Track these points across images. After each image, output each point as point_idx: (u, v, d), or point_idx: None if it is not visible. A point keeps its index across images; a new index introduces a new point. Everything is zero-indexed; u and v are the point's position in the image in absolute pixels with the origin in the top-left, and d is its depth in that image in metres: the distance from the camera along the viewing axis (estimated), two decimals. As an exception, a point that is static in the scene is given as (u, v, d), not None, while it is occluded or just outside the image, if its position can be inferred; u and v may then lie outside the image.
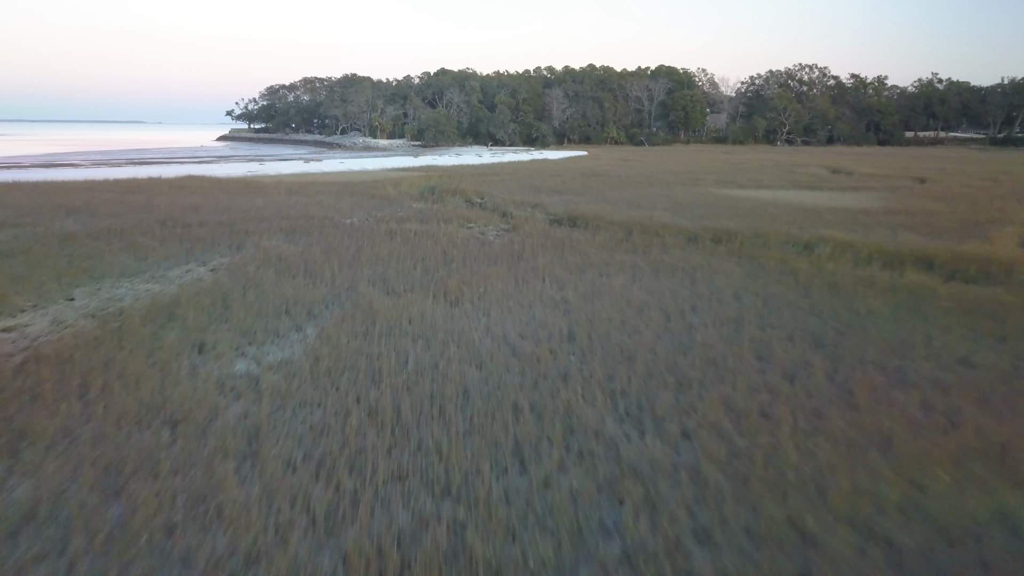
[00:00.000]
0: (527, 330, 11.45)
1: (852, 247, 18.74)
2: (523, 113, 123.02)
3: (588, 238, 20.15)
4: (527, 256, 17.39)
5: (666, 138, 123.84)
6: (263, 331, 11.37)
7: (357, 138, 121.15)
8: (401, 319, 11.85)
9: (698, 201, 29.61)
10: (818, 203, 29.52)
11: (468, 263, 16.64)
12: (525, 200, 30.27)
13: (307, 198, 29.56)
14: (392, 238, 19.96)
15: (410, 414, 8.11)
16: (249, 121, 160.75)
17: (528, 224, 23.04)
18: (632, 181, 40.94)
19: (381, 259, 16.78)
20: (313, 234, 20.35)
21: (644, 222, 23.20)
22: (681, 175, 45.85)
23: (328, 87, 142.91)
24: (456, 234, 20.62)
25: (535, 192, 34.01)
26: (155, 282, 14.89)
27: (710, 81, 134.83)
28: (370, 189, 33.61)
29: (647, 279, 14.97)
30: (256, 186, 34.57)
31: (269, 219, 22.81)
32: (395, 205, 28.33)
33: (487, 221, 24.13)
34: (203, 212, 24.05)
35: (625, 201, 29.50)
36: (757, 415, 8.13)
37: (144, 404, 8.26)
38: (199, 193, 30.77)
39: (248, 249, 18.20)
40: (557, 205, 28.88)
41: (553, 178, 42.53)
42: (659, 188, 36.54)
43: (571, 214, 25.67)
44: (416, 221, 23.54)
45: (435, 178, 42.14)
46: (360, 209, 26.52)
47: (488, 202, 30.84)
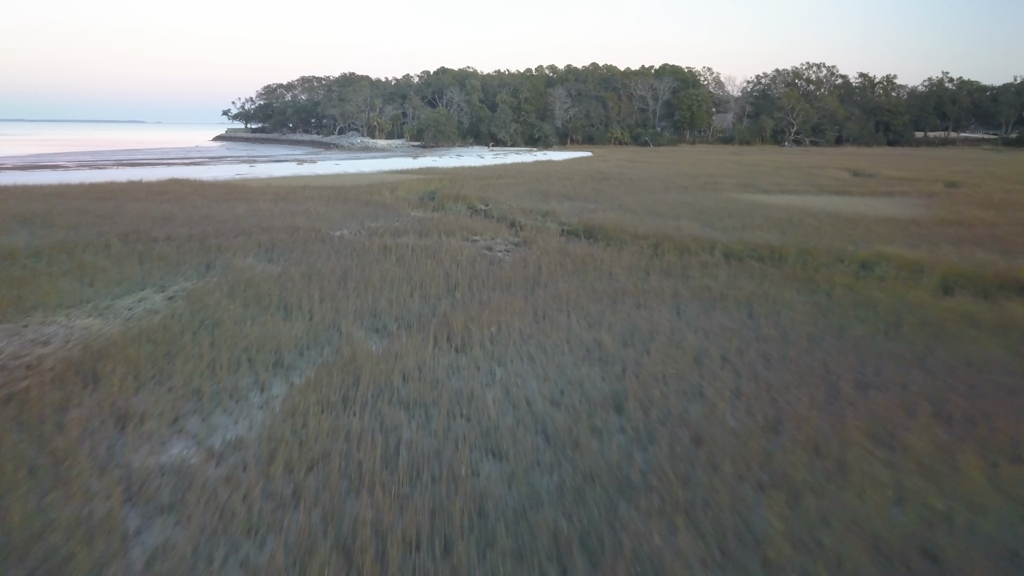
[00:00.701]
0: (557, 391, 8.80)
1: (921, 267, 16.07)
2: (525, 113, 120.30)
3: (612, 256, 17.47)
4: (545, 280, 14.72)
5: (671, 138, 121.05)
6: (214, 392, 8.72)
7: (355, 138, 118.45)
8: (392, 375, 9.19)
9: (724, 209, 26.95)
10: (856, 211, 26.86)
11: (475, 289, 13.98)
12: (534, 207, 27.63)
13: (295, 205, 26.90)
14: (386, 256, 17.30)
15: (401, 554, 5.46)
16: (246, 121, 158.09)
17: (540, 237, 20.38)
18: (646, 185, 38.27)
19: (372, 285, 14.11)
20: (296, 251, 17.69)
21: (671, 235, 20.55)
22: (696, 178, 43.20)
23: (326, 86, 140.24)
24: (460, 250, 17.95)
25: (544, 198, 31.36)
26: (97, 316, 12.23)
27: (716, 80, 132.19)
28: (364, 195, 30.95)
29: (695, 313, 12.29)
30: (241, 191, 31.91)
31: (248, 231, 20.15)
32: (391, 214, 25.68)
33: (494, 233, 21.46)
34: (175, 223, 21.38)
35: (645, 209, 26.84)
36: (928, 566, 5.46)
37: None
38: (177, 199, 28.11)
39: (217, 270, 15.55)
40: (570, 213, 26.23)
41: (561, 181, 39.88)
42: (677, 193, 33.89)
43: (587, 224, 23.01)
44: (414, 234, 20.88)
45: (435, 182, 39.51)
46: (352, 219, 23.86)
47: (493, 209, 28.19)
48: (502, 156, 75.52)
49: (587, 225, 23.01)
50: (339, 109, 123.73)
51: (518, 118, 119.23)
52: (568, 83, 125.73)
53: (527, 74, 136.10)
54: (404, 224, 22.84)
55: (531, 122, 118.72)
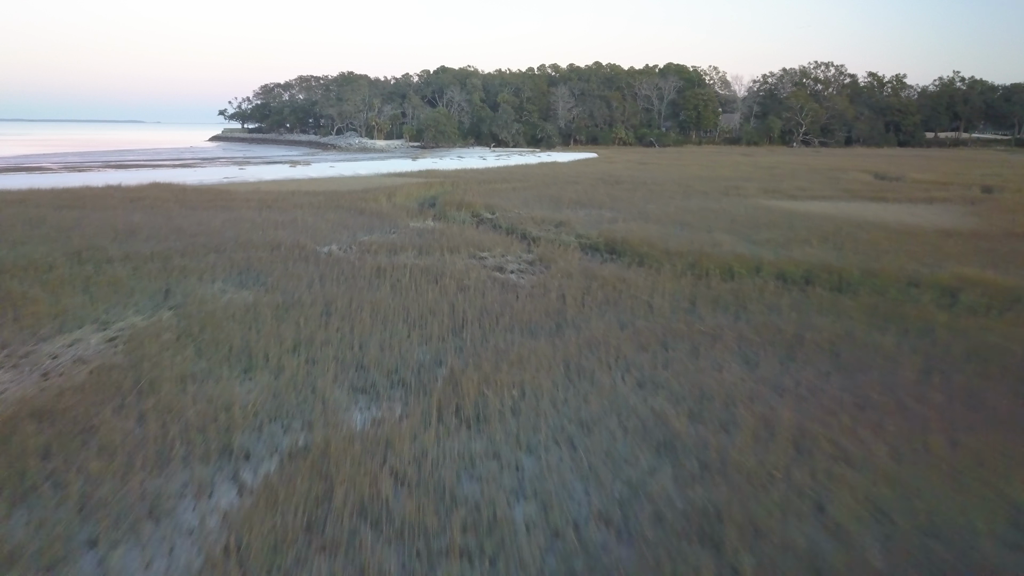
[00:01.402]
0: (614, 505, 6.15)
1: (1019, 296, 13.42)
2: (527, 112, 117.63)
3: (647, 279, 14.79)
4: (572, 315, 12.05)
5: (676, 139, 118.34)
6: (124, 509, 6.07)
7: (353, 139, 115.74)
8: (380, 477, 6.54)
9: (758, 218, 24.30)
10: (903, 221, 24.21)
11: (488, 328, 11.32)
12: (546, 216, 24.98)
13: (281, 214, 24.23)
14: (380, 280, 14.65)
15: None
16: (243, 121, 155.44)
17: (559, 254, 17.72)
18: (663, 190, 35.62)
19: (361, 322, 11.45)
20: (274, 273, 15.02)
21: (708, 251, 17.90)
22: (714, 182, 40.54)
23: (324, 86, 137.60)
24: (467, 272, 15.27)
25: (555, 205, 28.70)
26: (9, 368, 9.59)
27: (721, 80, 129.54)
28: (359, 201, 28.29)
29: (771, 366, 9.61)
30: (225, 197, 29.23)
31: (222, 248, 17.48)
32: (388, 224, 23.02)
33: (504, 248, 18.80)
34: (140, 237, 18.72)
35: (669, 218, 24.18)
36: None
37: None
38: (151, 207, 25.46)
39: (176, 298, 12.89)
40: (586, 223, 23.59)
41: (571, 186, 37.23)
42: (699, 199, 31.23)
43: (609, 238, 20.36)
44: (413, 250, 18.21)
45: (436, 186, 36.87)
46: (343, 231, 21.20)
47: (501, 219, 25.54)
48: (504, 157, 72.89)
49: (609, 239, 20.35)
50: (337, 109, 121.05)
51: (520, 118, 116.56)
52: (571, 82, 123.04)
53: (529, 73, 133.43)
54: (401, 238, 20.18)
55: (533, 122, 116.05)
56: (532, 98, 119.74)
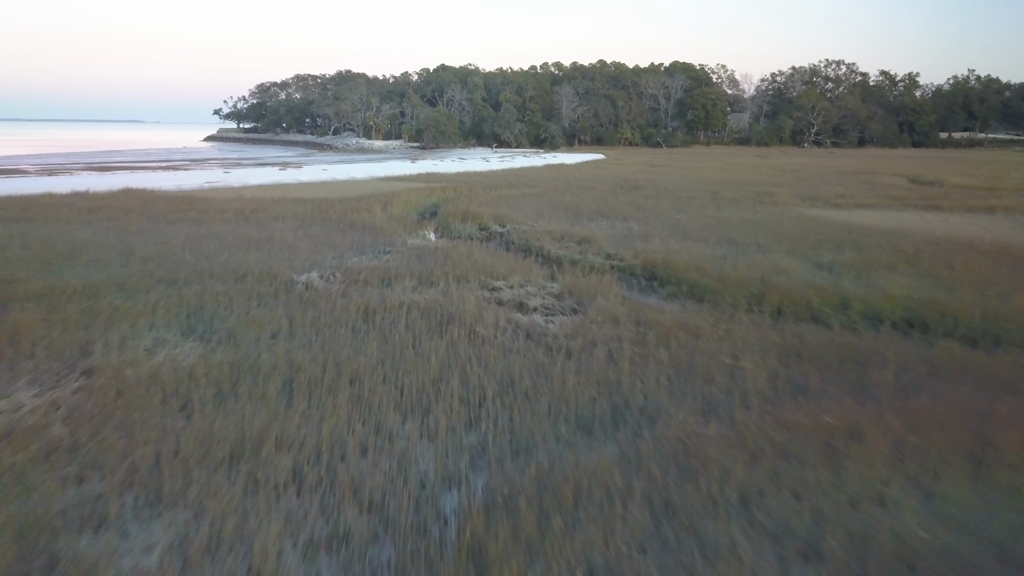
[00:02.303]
0: None
1: None
2: (530, 112, 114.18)
3: (714, 326, 11.37)
4: (634, 393, 8.62)
5: (684, 139, 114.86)
6: None
7: (350, 139, 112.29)
8: None
9: (813, 233, 20.92)
10: (975, 236, 20.83)
11: (519, 422, 7.92)
12: (565, 231, 21.62)
13: (257, 229, 20.85)
14: (368, 327, 11.27)
15: None
16: (238, 121, 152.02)
17: (592, 286, 14.32)
18: (688, 196, 32.23)
19: (335, 409, 8.04)
20: (231, 316, 11.62)
21: (773, 279, 14.56)
22: (739, 187, 37.16)
23: (321, 85, 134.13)
24: (481, 315, 11.84)
25: (573, 215, 25.33)
26: None
27: (730, 78, 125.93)
28: (350, 212, 24.90)
29: (965, 502, 6.19)
30: (199, 206, 25.82)
31: (174, 278, 14.08)
32: (382, 241, 19.63)
33: (523, 275, 15.38)
34: (79, 261, 15.33)
35: (710, 233, 20.78)
36: None
37: None
38: (110, 220, 22.07)
39: (94, 357, 9.49)
40: (615, 239, 20.25)
41: (586, 192, 33.85)
42: (732, 208, 27.86)
43: (648, 260, 17.00)
44: (411, 279, 14.80)
45: (437, 192, 33.50)
46: (328, 251, 17.80)
47: (513, 232, 22.18)
48: (508, 159, 69.48)
49: (647, 261, 16.98)
50: (333, 108, 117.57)
51: (523, 118, 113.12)
52: (575, 81, 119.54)
53: (532, 72, 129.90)
54: (397, 260, 16.79)
55: (537, 122, 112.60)
56: (535, 97, 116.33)
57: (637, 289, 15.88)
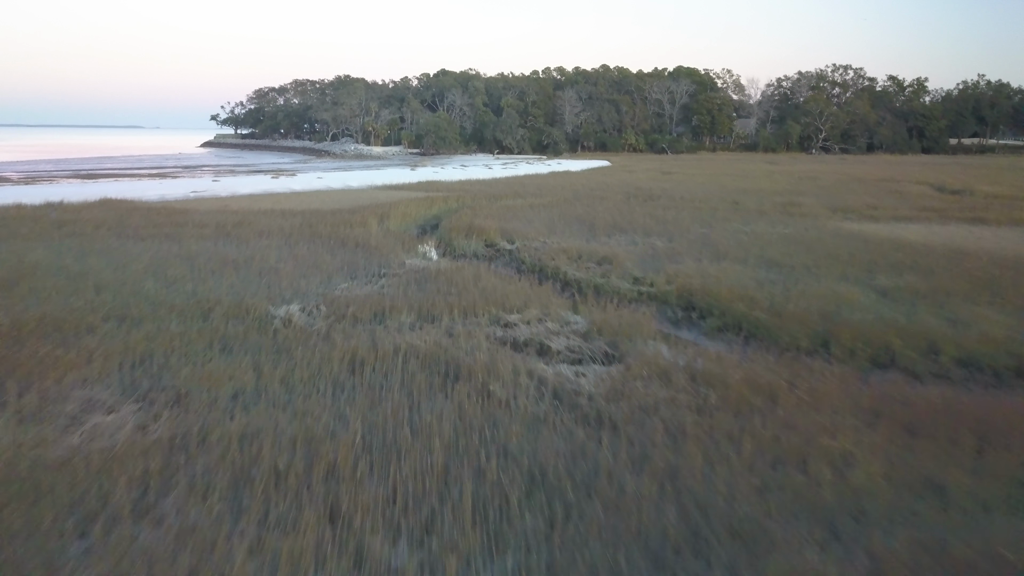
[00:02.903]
0: None
1: None
2: (532, 117, 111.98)
3: (792, 385, 9.04)
4: (715, 500, 6.30)
5: (690, 145, 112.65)
6: None
7: (348, 145, 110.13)
8: None
9: (861, 252, 18.64)
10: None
11: (553, 541, 5.61)
12: (582, 248, 19.35)
13: (238, 247, 18.60)
14: (354, 381, 8.99)
15: None
16: (235, 126, 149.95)
17: (624, 321, 12.02)
18: (710, 207, 29.96)
19: (300, 525, 5.72)
20: (182, 371, 9.30)
21: (836, 313, 12.29)
22: (761, 196, 34.89)
23: (320, 90, 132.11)
24: (494, 366, 9.51)
25: (588, 230, 23.06)
26: None
27: (735, 83, 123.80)
28: (343, 226, 22.63)
29: None
30: (178, 220, 23.56)
31: (124, 313, 11.77)
32: (377, 261, 17.35)
33: (541, 307, 13.06)
34: (15, 293, 13.02)
35: (746, 252, 18.50)
36: None
37: None
38: (75, 236, 19.83)
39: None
40: (639, 259, 17.99)
41: (598, 202, 31.58)
42: (760, 221, 25.59)
43: (683, 286, 14.71)
44: (410, 313, 12.49)
45: (438, 203, 31.23)
46: (314, 275, 15.50)
47: (524, 250, 19.93)
48: (512, 166, 67.21)
49: (683, 288, 14.68)
50: (331, 113, 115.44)
51: (525, 123, 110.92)
52: (578, 85, 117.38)
53: (534, 76, 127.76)
54: (394, 288, 14.49)
55: (539, 127, 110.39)
56: (537, 102, 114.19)
57: (672, 322, 13.62)
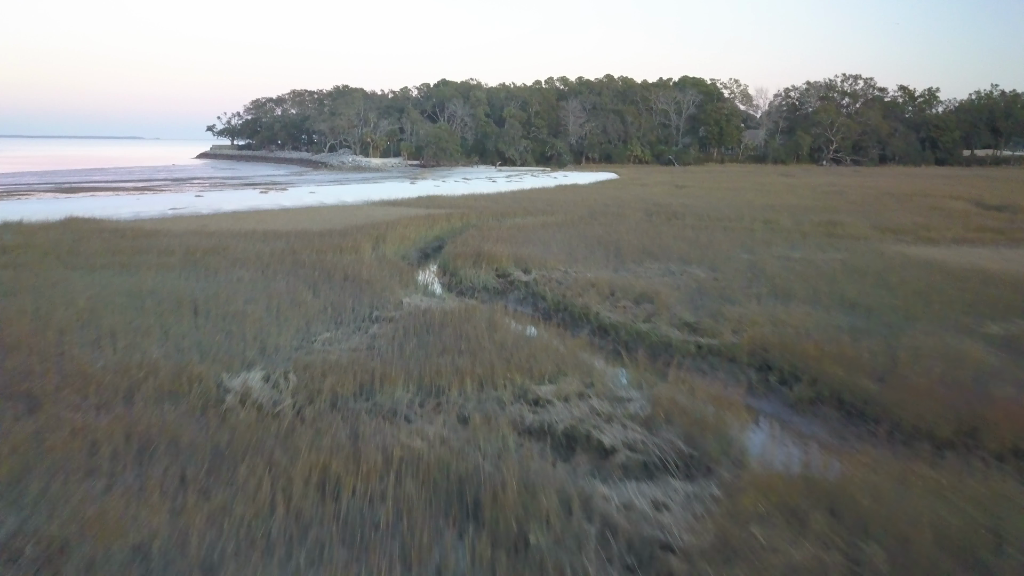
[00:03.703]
0: None
1: None
2: (536, 128, 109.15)
3: (992, 531, 5.94)
4: None
5: (697, 156, 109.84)
6: None
7: (346, 156, 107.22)
8: None
9: (946, 289, 15.56)
10: None
11: None
12: (612, 281, 16.29)
13: (203, 280, 15.54)
14: (324, 511, 5.83)
15: None
16: (232, 137, 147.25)
17: (698, 399, 8.92)
18: (743, 227, 26.92)
19: None
20: (63, 509, 6.17)
21: (985, 390, 9.19)
22: (792, 213, 31.83)
23: (318, 100, 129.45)
24: (530, 487, 6.37)
25: (614, 256, 20.02)
26: None
27: (743, 93, 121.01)
28: (332, 251, 19.59)
29: None
30: (143, 244, 20.52)
31: (11, 392, 8.67)
32: (368, 300, 14.25)
33: (581, 375, 9.94)
34: None
35: (812, 288, 15.40)
36: None
37: None
38: (15, 266, 16.84)
39: None
40: (684, 296, 14.94)
41: (617, 221, 28.55)
42: (807, 245, 22.52)
43: (755, 340, 11.62)
44: (407, 386, 9.36)
45: (440, 221, 28.20)
46: (291, 320, 12.41)
47: (543, 283, 16.89)
48: (516, 179, 64.26)
49: (754, 341, 11.58)
50: (329, 124, 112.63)
51: (528, 134, 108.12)
52: (582, 96, 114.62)
53: (536, 87, 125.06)
54: (387, 341, 11.40)
55: (542, 138, 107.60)
56: (540, 113, 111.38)
57: (746, 385, 10.54)
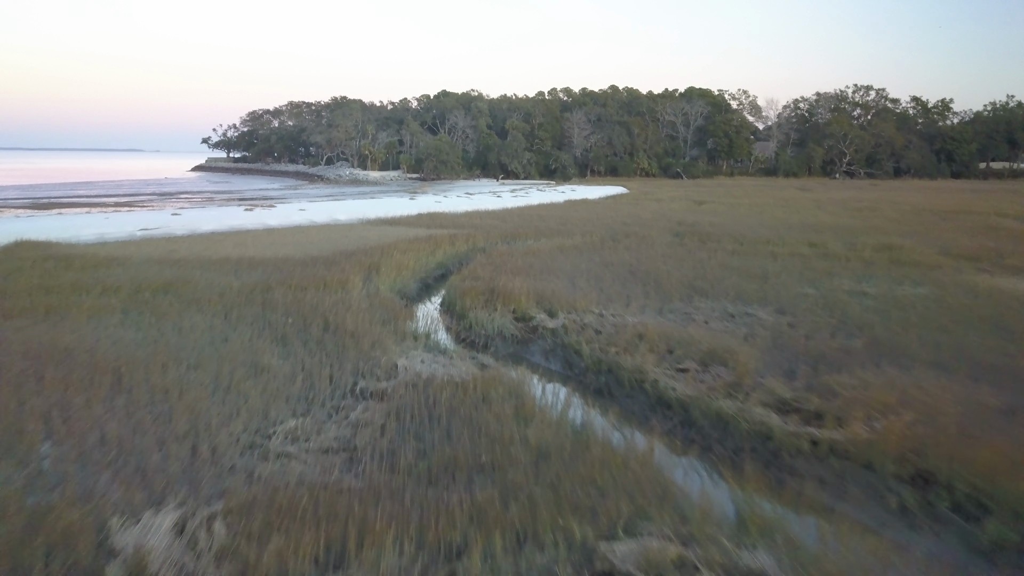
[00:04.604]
0: None
1: None
2: (539, 140, 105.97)
3: None
4: None
5: (706, 169, 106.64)
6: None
7: (344, 169, 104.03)
8: None
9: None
10: None
11: None
12: (666, 330, 12.80)
13: (142, 332, 12.05)
14: None
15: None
16: (228, 149, 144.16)
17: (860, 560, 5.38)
18: (790, 252, 23.44)
19: None
20: None
21: None
22: (836, 234, 28.38)
23: (315, 112, 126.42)
24: None
25: (655, 291, 16.56)
26: None
27: (751, 104, 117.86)
28: (313, 288, 16.13)
29: None
30: (88, 278, 17.08)
31: None
32: (351, 366, 10.75)
33: (672, 515, 6.40)
34: None
35: (937, 346, 11.90)
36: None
37: None
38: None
39: None
40: (763, 352, 11.48)
41: (644, 245, 25.07)
42: (879, 279, 19.06)
43: (900, 439, 8.07)
44: (405, 548, 5.82)
45: (444, 245, 24.76)
46: (242, 402, 8.90)
47: (573, 330, 13.41)
48: (522, 193, 60.89)
49: (902, 441, 8.06)
50: (326, 136, 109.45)
51: (531, 146, 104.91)
52: (586, 107, 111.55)
53: (540, 98, 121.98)
54: (374, 436, 7.90)
55: (546, 151, 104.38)
56: (544, 124, 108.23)
57: (893, 510, 7.07)
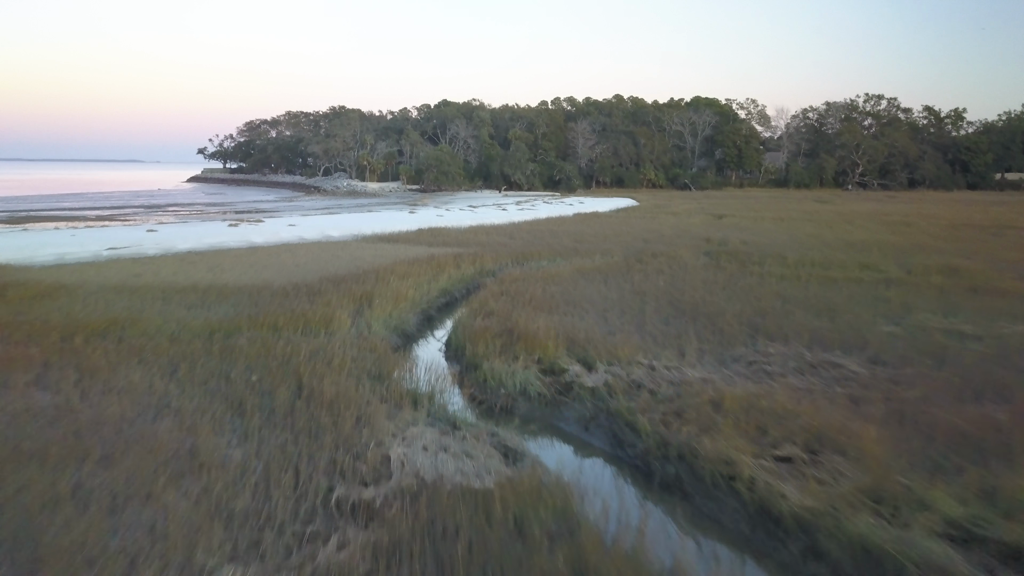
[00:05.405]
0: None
1: None
2: (543, 151, 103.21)
3: None
4: None
5: (714, 180, 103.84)
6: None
7: (341, 180, 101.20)
8: None
9: None
10: None
11: None
12: (749, 398, 9.67)
13: (57, 396, 8.96)
14: None
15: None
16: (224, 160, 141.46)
17: None
18: (845, 278, 20.40)
19: None
20: None
21: None
22: (883, 254, 25.35)
23: (313, 121, 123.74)
24: None
25: (708, 330, 13.51)
26: None
27: (760, 114, 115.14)
28: (289, 328, 13.14)
29: None
30: (16, 318, 14.08)
31: None
32: (324, 463, 7.65)
33: None
34: None
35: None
36: None
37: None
38: None
39: None
40: (886, 432, 8.29)
41: (677, 268, 22.03)
42: (968, 312, 16.00)
43: None
44: None
45: (448, 267, 21.75)
46: (148, 543, 5.81)
47: (621, 390, 10.32)
48: (527, 206, 57.94)
49: None
50: (323, 146, 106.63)
51: (535, 157, 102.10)
52: (591, 117, 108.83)
53: (543, 107, 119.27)
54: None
55: (550, 162, 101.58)
56: (548, 134, 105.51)
57: None
